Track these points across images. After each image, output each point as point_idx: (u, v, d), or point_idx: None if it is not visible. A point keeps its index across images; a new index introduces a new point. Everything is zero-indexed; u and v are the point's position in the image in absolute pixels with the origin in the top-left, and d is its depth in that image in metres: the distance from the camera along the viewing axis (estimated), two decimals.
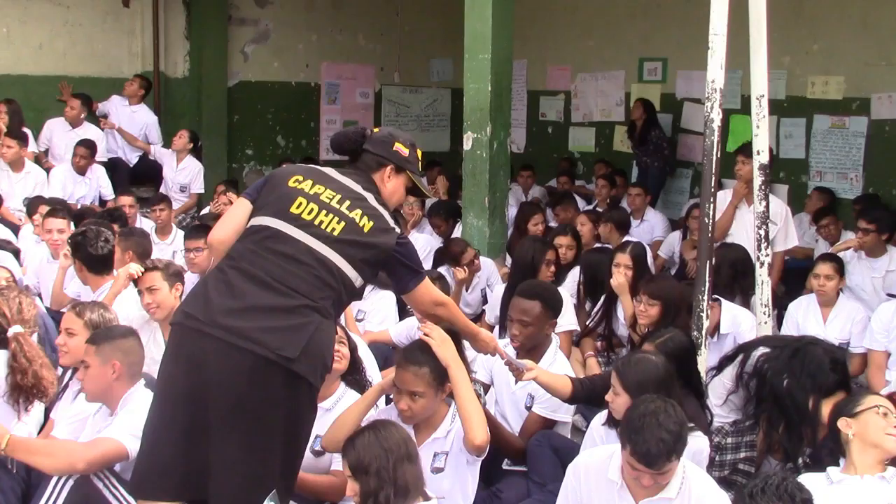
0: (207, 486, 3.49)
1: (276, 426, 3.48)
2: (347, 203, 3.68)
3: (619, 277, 6.33)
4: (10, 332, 4.52)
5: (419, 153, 4.04)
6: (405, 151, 3.91)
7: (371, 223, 3.68)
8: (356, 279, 3.66)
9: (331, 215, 3.63)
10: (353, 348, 4.60)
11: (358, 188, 3.76)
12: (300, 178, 3.72)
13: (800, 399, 4.68)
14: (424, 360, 4.04)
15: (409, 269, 3.85)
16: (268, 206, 3.67)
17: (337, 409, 4.30)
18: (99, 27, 11.35)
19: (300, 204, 3.63)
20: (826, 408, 4.44)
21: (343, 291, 3.63)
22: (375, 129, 3.96)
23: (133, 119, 10.93)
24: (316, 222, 3.60)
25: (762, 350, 4.98)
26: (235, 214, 3.80)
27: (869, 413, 3.71)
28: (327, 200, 3.66)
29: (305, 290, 3.52)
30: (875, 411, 3.72)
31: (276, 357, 3.41)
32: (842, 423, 3.75)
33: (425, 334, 4.07)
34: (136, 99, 11.03)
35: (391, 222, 3.77)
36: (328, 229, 3.60)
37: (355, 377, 4.48)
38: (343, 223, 3.63)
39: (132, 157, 11.04)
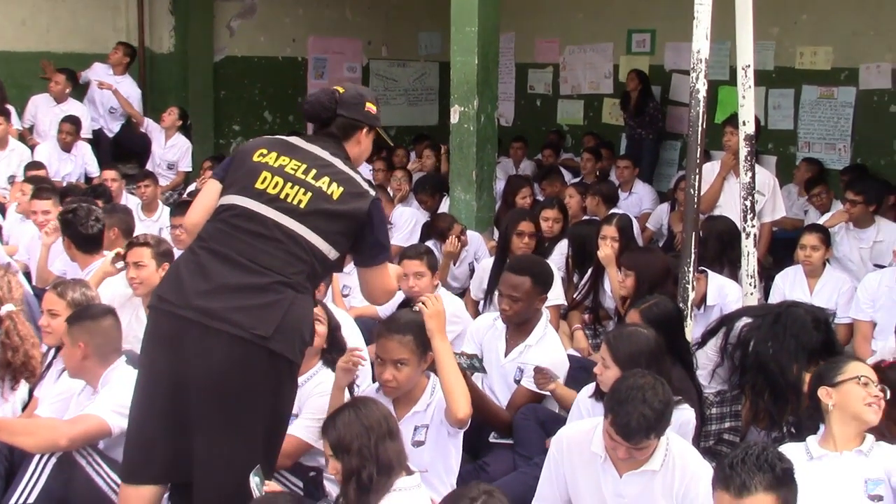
0: (192, 470, 3.48)
1: (257, 406, 3.46)
2: (314, 172, 3.60)
3: (606, 249, 6.31)
4: (4, 310, 4.52)
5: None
6: (374, 109, 3.85)
7: (341, 189, 3.60)
8: (329, 251, 3.59)
9: (296, 187, 3.56)
10: (335, 326, 4.55)
11: (325, 155, 3.68)
12: (264, 151, 3.65)
13: (785, 363, 4.69)
14: (408, 328, 4.02)
15: (376, 243, 3.73)
16: (234, 184, 3.61)
17: (308, 385, 4.28)
18: (82, 2, 11.23)
19: (265, 178, 3.56)
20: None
21: (316, 264, 3.57)
22: (341, 90, 3.83)
23: (117, 90, 10.79)
24: (282, 196, 3.54)
25: (745, 320, 4.99)
26: (206, 195, 3.76)
27: (850, 384, 3.70)
28: (292, 172, 3.58)
29: (277, 266, 3.48)
30: (856, 382, 3.70)
31: (251, 336, 3.38)
32: (822, 393, 3.74)
33: (422, 303, 4.04)
34: (121, 68, 10.86)
35: (364, 185, 3.69)
36: (294, 202, 3.53)
37: (338, 356, 4.45)
38: (309, 193, 3.55)
39: (114, 127, 10.90)
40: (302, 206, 3.54)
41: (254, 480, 3.38)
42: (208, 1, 12.17)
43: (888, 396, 3.72)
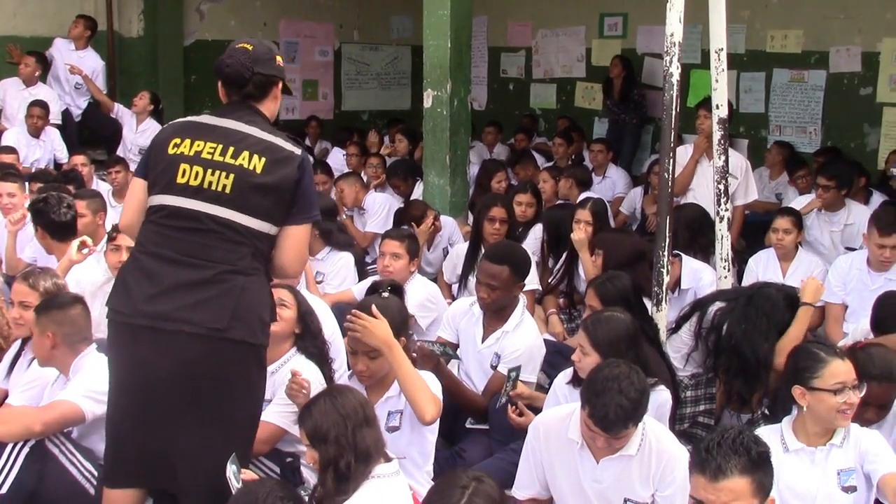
0: (177, 473, 3.48)
1: (230, 396, 3.46)
2: (231, 150, 3.48)
3: (580, 233, 6.32)
4: None
5: None
6: (281, 61, 3.74)
7: (263, 159, 3.48)
8: (269, 229, 3.51)
9: (217, 172, 3.45)
10: (306, 311, 4.50)
11: (240, 126, 3.54)
12: (177, 140, 3.52)
13: (757, 343, 4.77)
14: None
15: (304, 201, 3.58)
16: (158, 183, 3.51)
17: (282, 372, 4.25)
18: None
19: (184, 171, 3.46)
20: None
21: (258, 243, 3.50)
22: (248, 46, 3.64)
23: (81, 64, 10.53)
24: (205, 185, 3.45)
25: (718, 304, 5.02)
26: (134, 196, 3.66)
27: (826, 394, 3.67)
28: (209, 156, 3.47)
29: (219, 256, 3.43)
30: (830, 393, 3.65)
31: (207, 331, 3.37)
32: (796, 393, 3.73)
33: (351, 321, 4.02)
34: (83, 42, 10.65)
35: (287, 145, 3.57)
36: (218, 188, 3.44)
37: (312, 343, 4.42)
38: (232, 175, 3.45)
39: (81, 103, 10.68)
40: (227, 190, 3.45)
41: (230, 469, 3.37)
42: None
43: (863, 393, 3.73)
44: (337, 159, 10.67)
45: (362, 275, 6.75)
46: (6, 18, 10.74)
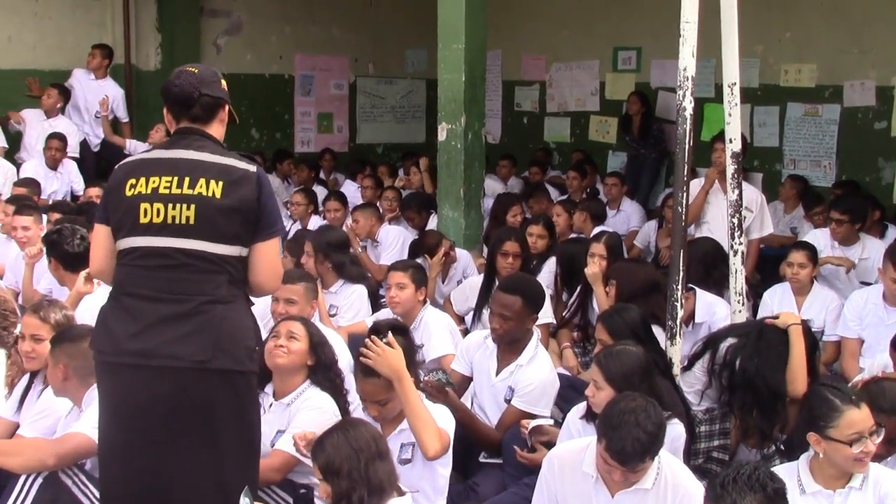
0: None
1: (222, 426, 3.47)
2: (187, 180, 3.46)
3: (593, 267, 6.31)
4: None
5: None
6: (225, 85, 3.74)
7: (220, 183, 3.46)
8: (239, 251, 3.51)
9: (178, 205, 3.44)
10: (318, 343, 4.47)
11: (190, 154, 3.52)
12: (132, 181, 3.49)
13: (771, 377, 4.76)
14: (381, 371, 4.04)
15: (267, 217, 3.56)
16: (122, 227, 3.51)
17: (296, 404, 4.27)
18: (69, 19, 11.20)
19: (145, 211, 3.45)
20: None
21: (231, 269, 3.50)
22: (194, 69, 3.67)
23: (100, 93, 10.70)
24: (168, 221, 3.44)
25: (730, 341, 5.01)
26: (99, 243, 3.66)
27: (842, 445, 3.60)
28: (167, 191, 3.45)
29: (195, 288, 3.44)
30: (846, 445, 3.59)
31: (192, 364, 3.38)
32: (812, 439, 3.67)
33: (366, 346, 4.05)
34: (101, 71, 10.81)
35: (240, 164, 3.55)
36: (182, 221, 3.43)
37: (325, 375, 4.41)
38: (193, 205, 3.44)
39: (100, 132, 10.80)
40: (191, 221, 3.44)
41: (243, 502, 3.36)
42: (194, 18, 12.16)
43: (880, 438, 3.69)
44: (349, 191, 10.70)
45: (376, 307, 6.76)
46: (26, 52, 10.86)
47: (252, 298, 3.66)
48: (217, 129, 3.68)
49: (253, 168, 3.57)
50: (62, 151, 9.68)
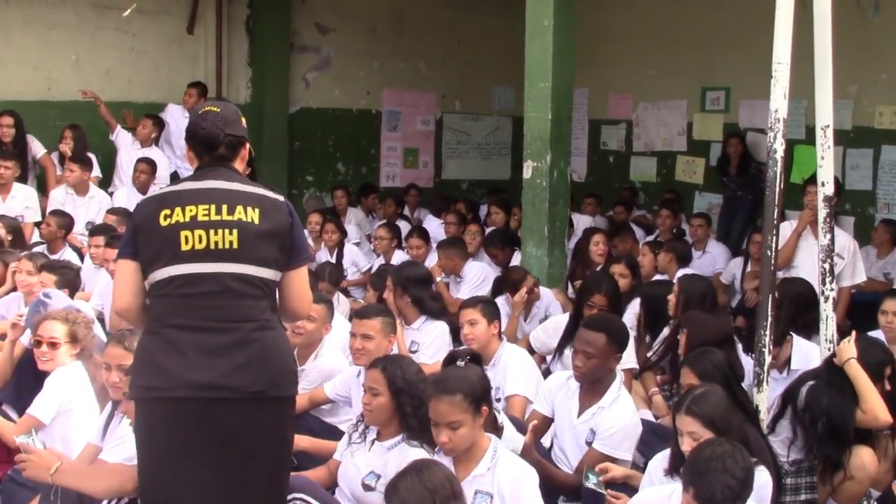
0: None
1: (266, 453, 3.52)
2: (225, 207, 3.49)
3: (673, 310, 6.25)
4: None
5: None
6: (244, 122, 3.76)
7: (257, 209, 3.52)
8: (275, 276, 3.56)
9: (220, 230, 3.46)
10: (399, 391, 4.32)
11: (223, 185, 3.55)
12: (167, 211, 3.48)
13: (838, 411, 4.72)
14: (457, 387, 3.96)
15: (297, 244, 3.63)
16: (159, 258, 3.47)
17: (394, 454, 4.20)
18: (164, 54, 11.51)
19: (186, 238, 3.44)
20: None
21: (271, 294, 3.56)
22: (215, 108, 3.68)
23: None
24: (212, 246, 3.45)
25: (808, 384, 4.90)
26: (126, 277, 3.57)
27: None
28: (206, 218, 3.46)
29: (243, 314, 3.46)
30: None
31: (250, 395, 3.42)
32: None
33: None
34: None
35: (270, 193, 3.61)
36: (226, 246, 3.46)
37: (417, 422, 4.27)
38: (235, 230, 3.47)
39: (189, 167, 11.03)
40: (235, 246, 3.46)
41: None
42: (285, 53, 12.38)
43: None
44: (432, 227, 10.72)
45: (458, 343, 6.72)
46: (121, 85, 11.16)
47: (332, 331, 3.71)
48: (239, 166, 3.72)
49: (282, 198, 3.64)
50: (148, 175, 9.90)
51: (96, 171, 10.00)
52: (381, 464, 4.20)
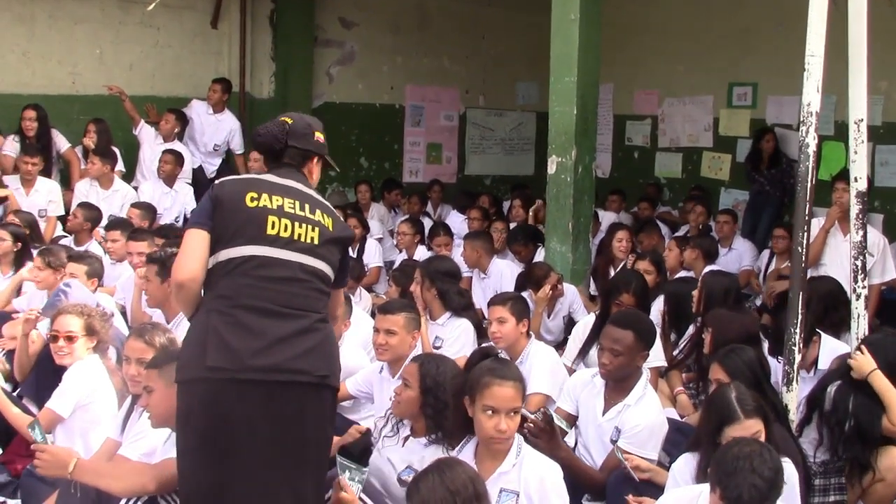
0: None
1: (321, 439, 3.64)
2: (308, 206, 3.67)
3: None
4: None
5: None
6: (322, 138, 3.91)
7: (331, 219, 3.72)
8: (332, 277, 3.74)
9: (305, 225, 3.62)
10: (429, 388, 4.36)
11: (302, 187, 3.73)
12: (254, 194, 3.60)
13: (865, 415, 4.65)
14: (518, 374, 3.99)
15: (347, 264, 3.88)
16: (240, 235, 3.54)
17: (429, 452, 4.20)
18: (187, 48, 11.49)
19: (273, 223, 3.57)
20: None
21: (328, 292, 3.73)
22: (289, 120, 3.85)
23: (219, 127, 10.97)
24: (295, 237, 3.59)
25: (834, 385, 4.82)
26: (196, 248, 3.57)
27: None
28: (292, 211, 3.62)
29: (311, 305, 3.59)
30: None
31: (317, 378, 3.52)
32: None
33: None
34: (221, 105, 11.05)
35: (335, 211, 3.84)
36: (307, 240, 3.61)
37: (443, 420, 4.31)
38: (317, 229, 3.64)
39: (215, 161, 11.09)
40: (315, 241, 3.63)
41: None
42: (308, 47, 12.34)
43: None
44: (455, 223, 10.67)
45: (482, 339, 6.66)
46: (145, 79, 11.15)
47: (354, 327, 3.82)
48: (310, 178, 3.87)
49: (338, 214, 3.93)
50: (172, 165, 9.89)
51: (120, 165, 10.00)
52: (419, 459, 4.18)
